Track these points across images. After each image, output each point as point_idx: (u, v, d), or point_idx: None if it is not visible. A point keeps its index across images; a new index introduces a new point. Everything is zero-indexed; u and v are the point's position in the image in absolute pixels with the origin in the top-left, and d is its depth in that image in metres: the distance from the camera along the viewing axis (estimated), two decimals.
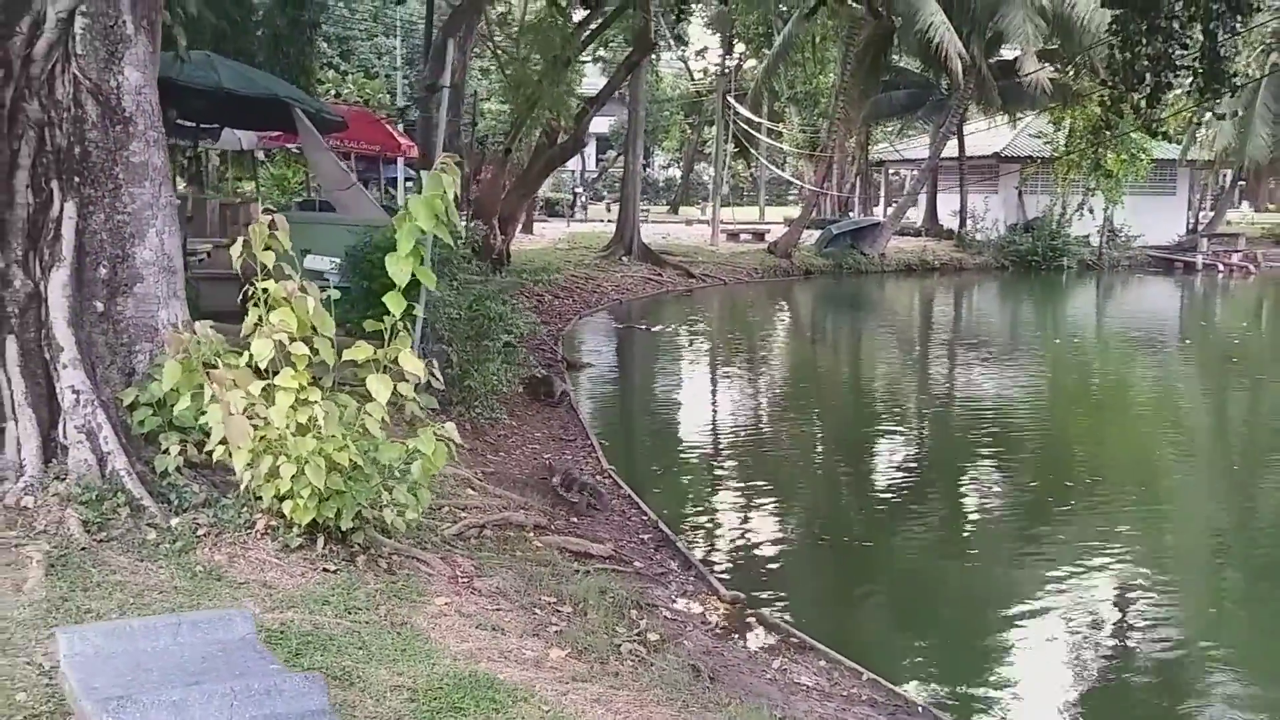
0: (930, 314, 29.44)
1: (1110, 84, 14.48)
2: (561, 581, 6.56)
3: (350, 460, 5.63)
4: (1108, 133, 26.87)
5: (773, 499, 10.60)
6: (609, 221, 37.74)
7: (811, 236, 34.05)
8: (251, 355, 5.69)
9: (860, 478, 11.89)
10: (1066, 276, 35.34)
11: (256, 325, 5.76)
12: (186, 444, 6.22)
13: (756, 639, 6.54)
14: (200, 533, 5.74)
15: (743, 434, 13.63)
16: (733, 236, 35.77)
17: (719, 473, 11.64)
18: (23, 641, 4.33)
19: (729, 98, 37.32)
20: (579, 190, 56.99)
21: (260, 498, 5.74)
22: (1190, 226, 42.91)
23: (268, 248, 5.74)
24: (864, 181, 44.59)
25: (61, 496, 5.74)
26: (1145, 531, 9.77)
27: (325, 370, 6.00)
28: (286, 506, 5.62)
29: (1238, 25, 13.54)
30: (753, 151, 43.97)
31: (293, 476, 5.46)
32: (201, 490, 6.17)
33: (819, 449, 13.42)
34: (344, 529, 5.79)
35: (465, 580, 6.21)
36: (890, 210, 38.93)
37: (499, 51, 27.04)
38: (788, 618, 7.04)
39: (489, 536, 7.27)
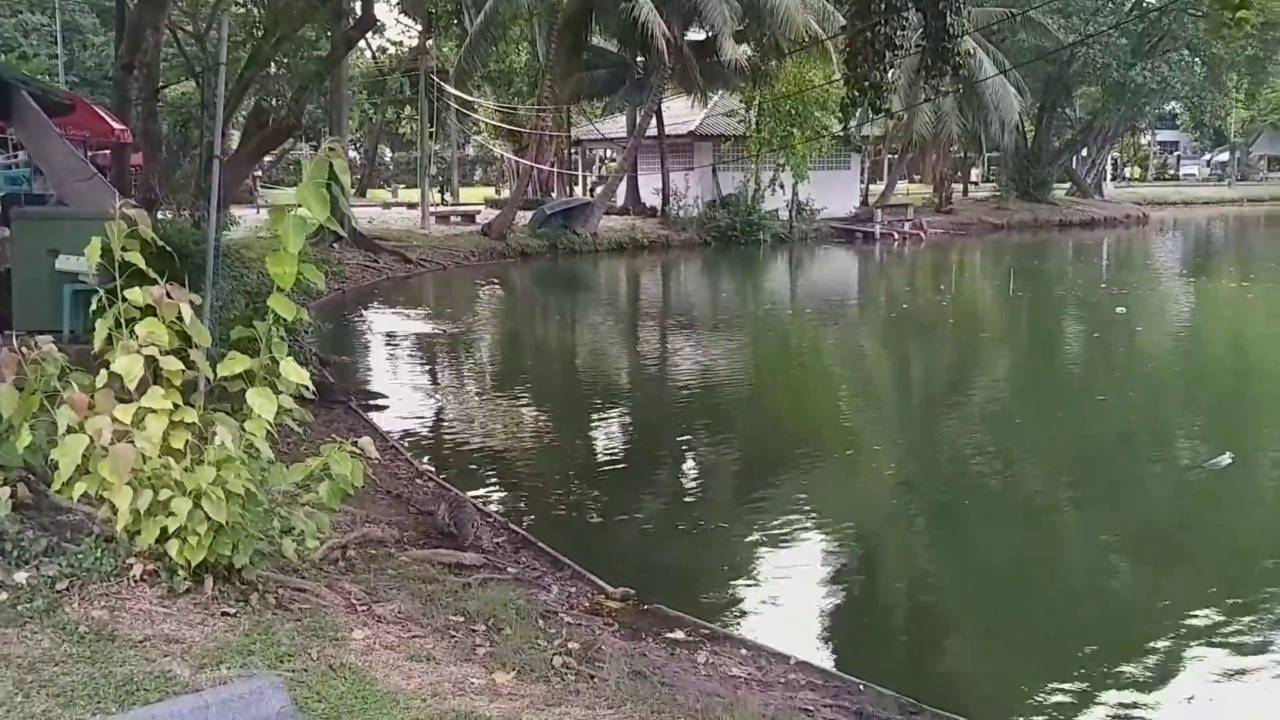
0: (649, 291, 30.14)
1: (851, 64, 15.13)
2: (458, 598, 6.09)
3: (245, 488, 4.95)
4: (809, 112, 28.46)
5: (560, 484, 10.53)
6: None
7: (524, 218, 33.89)
8: (110, 375, 4.87)
9: (638, 456, 11.95)
10: (763, 250, 37.04)
11: (110, 339, 4.95)
12: (12, 485, 5.28)
13: (667, 634, 6.32)
14: (59, 586, 4.87)
15: (505, 420, 13.34)
16: (443, 219, 35.04)
17: (501, 461, 11.30)
18: None
19: (428, 77, 36.38)
20: (258, 175, 54.14)
21: (133, 537, 4.94)
22: (862, 199, 46.14)
23: (125, 248, 4.96)
24: (564, 161, 44.88)
25: None
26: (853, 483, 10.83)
27: (193, 388, 5.27)
28: (171, 546, 4.86)
29: (963, 6, 14.58)
30: (459, 129, 43.20)
31: (188, 512, 4.72)
32: (39, 536, 5.25)
33: (581, 428, 13.32)
34: (237, 566, 5.09)
35: (364, 608, 5.63)
36: (599, 189, 39.32)
37: (179, 31, 25.05)
38: (674, 608, 6.88)
39: (354, 556, 6.66)
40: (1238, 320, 22.19)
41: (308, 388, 5.36)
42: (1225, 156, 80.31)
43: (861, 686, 5.66)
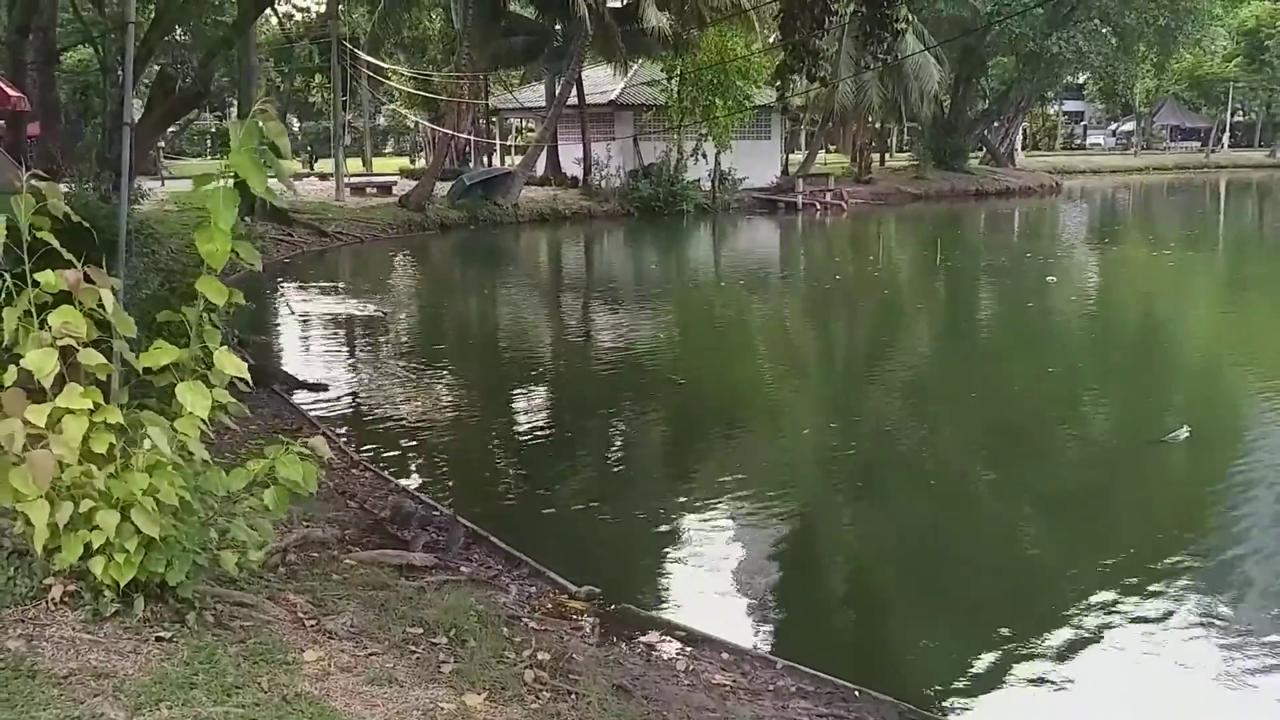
0: (575, 264, 29.61)
1: (786, 30, 14.70)
2: (414, 606, 5.59)
3: (179, 496, 4.38)
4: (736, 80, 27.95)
5: (501, 469, 10.21)
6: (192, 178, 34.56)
7: (442, 189, 33.01)
8: (19, 371, 4.28)
9: (574, 433, 11.56)
10: (687, 220, 36.67)
11: (19, 330, 4.35)
12: None
13: (639, 638, 5.90)
14: None
15: (438, 402, 12.86)
16: (358, 190, 33.97)
17: (438, 446, 10.83)
18: None
19: (340, 44, 35.14)
20: (160, 146, 52.27)
21: (51, 554, 4.36)
22: (783, 169, 45.95)
23: (35, 225, 4.35)
24: (480, 130, 43.94)
25: None
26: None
27: (125, 382, 4.70)
28: (95, 564, 4.29)
29: None
30: (372, 98, 41.95)
31: (116, 526, 4.15)
32: None
33: (517, 409, 12.88)
34: (172, 583, 4.52)
35: (312, 623, 5.11)
36: (520, 160, 38.49)
37: None
38: (650, 606, 6.49)
39: (295, 561, 6.11)
40: (1164, 289, 22.41)
41: (244, 379, 4.81)
42: (1130, 126, 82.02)
43: (857, 692, 5.30)
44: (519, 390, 13.67)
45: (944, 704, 5.70)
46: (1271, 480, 9.31)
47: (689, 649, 5.78)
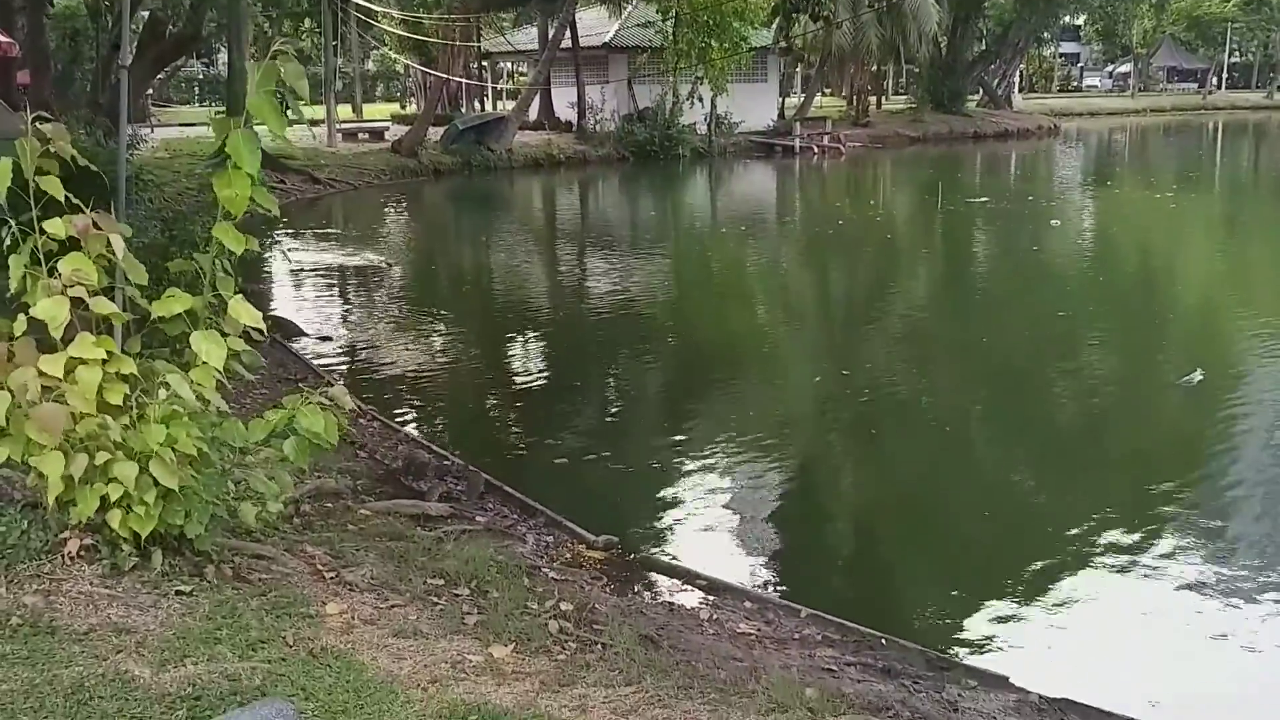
0: (571, 210, 29.32)
1: None
2: (433, 557, 5.51)
3: (197, 447, 4.27)
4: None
5: (507, 418, 10.13)
6: (181, 126, 33.94)
7: (435, 134, 32.62)
8: (29, 321, 4.15)
9: (579, 384, 11.45)
10: (682, 164, 36.27)
11: (26, 278, 4.22)
12: None
13: (660, 587, 5.83)
14: None
15: (440, 351, 12.78)
16: (350, 136, 33.57)
17: (442, 394, 10.77)
18: None
19: None
20: (149, 93, 51.61)
21: (65, 507, 4.26)
22: (779, 112, 45.47)
23: (43, 170, 4.20)
24: (472, 74, 43.40)
25: None
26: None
27: (128, 332, 4.58)
28: (113, 517, 4.18)
29: None
30: (362, 42, 41.33)
31: (135, 478, 4.05)
32: None
33: (520, 357, 12.80)
34: (191, 536, 4.43)
35: (332, 575, 5.03)
36: (513, 104, 37.99)
37: None
38: (668, 555, 6.43)
39: (310, 512, 6.02)
40: (1169, 231, 22.31)
41: (260, 329, 4.68)
42: (1127, 68, 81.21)
43: (883, 640, 5.24)
44: (522, 338, 13.56)
45: (964, 648, 5.65)
46: None
47: (711, 598, 5.72)
